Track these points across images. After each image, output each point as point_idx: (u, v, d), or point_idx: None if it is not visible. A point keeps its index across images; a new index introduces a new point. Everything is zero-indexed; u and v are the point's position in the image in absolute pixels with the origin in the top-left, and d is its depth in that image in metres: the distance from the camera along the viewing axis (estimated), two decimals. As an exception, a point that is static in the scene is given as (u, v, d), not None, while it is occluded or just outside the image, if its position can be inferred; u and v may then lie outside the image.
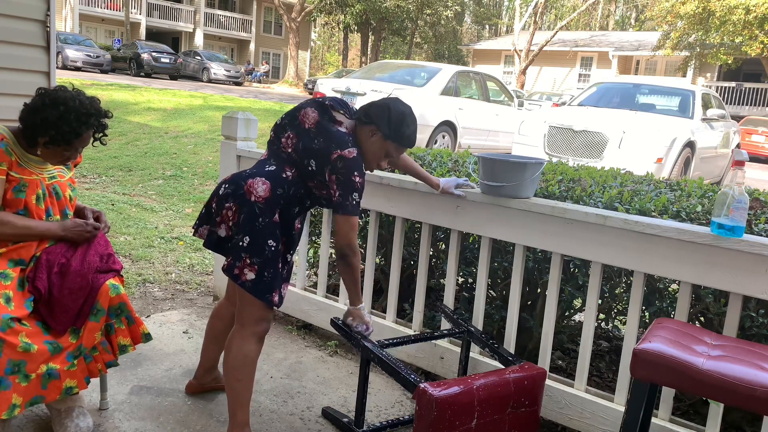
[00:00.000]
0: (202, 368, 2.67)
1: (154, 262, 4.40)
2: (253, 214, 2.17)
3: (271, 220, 2.19)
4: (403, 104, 2.33)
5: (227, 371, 2.28)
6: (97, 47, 25.43)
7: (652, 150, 7.61)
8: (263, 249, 2.17)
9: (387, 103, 2.31)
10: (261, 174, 2.24)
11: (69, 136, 2.13)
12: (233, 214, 2.21)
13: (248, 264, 2.16)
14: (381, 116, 2.26)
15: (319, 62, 53.79)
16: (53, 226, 2.25)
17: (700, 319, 2.60)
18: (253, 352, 2.27)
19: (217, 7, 36.37)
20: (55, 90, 2.17)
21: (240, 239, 2.17)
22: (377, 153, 2.31)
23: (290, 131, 2.30)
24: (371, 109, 2.30)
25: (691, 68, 24.73)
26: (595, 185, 2.84)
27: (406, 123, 2.28)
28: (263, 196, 2.19)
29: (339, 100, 2.37)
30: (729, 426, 2.51)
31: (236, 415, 2.28)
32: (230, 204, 2.21)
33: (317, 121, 2.27)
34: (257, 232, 2.17)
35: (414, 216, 2.88)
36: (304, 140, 2.25)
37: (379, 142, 2.29)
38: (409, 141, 2.32)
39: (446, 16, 36.52)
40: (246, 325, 2.26)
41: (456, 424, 2.05)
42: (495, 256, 2.94)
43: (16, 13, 3.42)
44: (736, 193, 2.03)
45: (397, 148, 2.32)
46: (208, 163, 8.32)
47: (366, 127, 2.29)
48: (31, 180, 2.21)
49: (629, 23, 48.08)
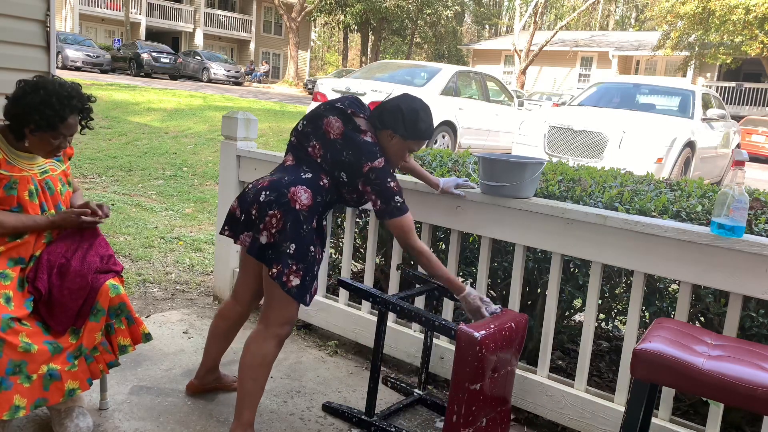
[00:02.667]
0: (204, 368, 2.67)
1: (154, 262, 4.40)
2: (299, 222, 2.20)
3: (311, 227, 2.24)
4: (413, 100, 2.36)
5: (243, 369, 2.29)
6: (97, 47, 25.44)
7: (652, 150, 7.61)
8: (307, 255, 2.22)
9: (398, 104, 2.32)
10: (301, 182, 2.25)
11: (53, 120, 2.11)
12: (278, 221, 2.20)
13: (294, 270, 2.20)
14: (395, 120, 2.30)
15: (319, 62, 53.80)
16: (40, 218, 2.24)
17: (700, 319, 2.60)
18: (272, 354, 2.29)
19: (217, 7, 36.37)
20: (35, 78, 2.18)
21: (287, 247, 2.19)
22: (399, 153, 2.37)
23: (315, 141, 2.32)
24: (384, 114, 2.32)
25: (691, 68, 24.73)
26: (595, 185, 2.84)
27: (420, 119, 2.31)
28: (307, 204, 2.22)
29: (355, 102, 2.38)
30: (729, 426, 2.51)
31: (243, 414, 2.28)
32: (274, 212, 2.20)
33: (342, 132, 2.28)
34: (302, 240, 2.21)
35: (414, 216, 2.88)
36: (332, 152, 2.28)
37: (399, 143, 2.33)
38: (427, 134, 2.36)
39: (446, 16, 36.54)
40: (270, 326, 2.28)
41: (490, 360, 2.21)
42: (495, 256, 2.93)
43: (16, 13, 3.42)
44: (736, 193, 2.03)
45: (417, 143, 2.37)
46: (208, 163, 8.32)
47: (384, 132, 2.32)
48: (21, 177, 2.20)
49: (629, 23, 48.07)
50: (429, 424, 2.64)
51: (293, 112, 14.66)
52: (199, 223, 5.61)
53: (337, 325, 3.25)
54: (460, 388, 2.18)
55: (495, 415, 2.34)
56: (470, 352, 2.15)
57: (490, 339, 2.18)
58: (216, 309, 3.66)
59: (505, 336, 2.27)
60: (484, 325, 2.23)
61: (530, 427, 2.67)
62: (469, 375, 2.16)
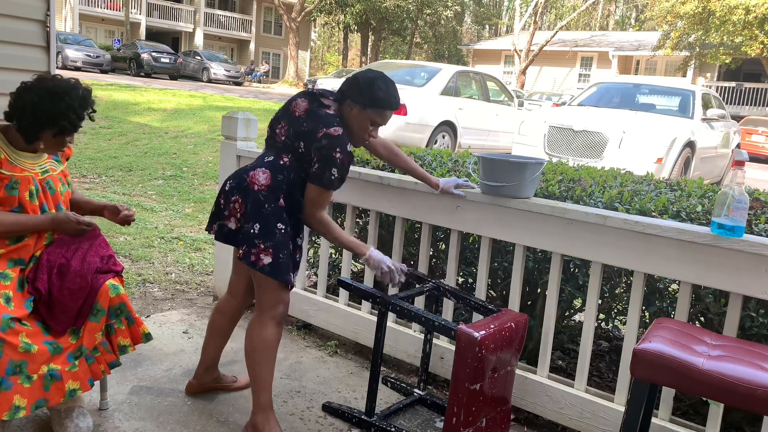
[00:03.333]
0: (202, 366, 2.67)
1: (154, 262, 4.40)
2: (258, 202, 2.27)
3: (277, 205, 2.28)
4: (372, 71, 2.36)
5: (248, 356, 2.36)
6: (97, 47, 25.42)
7: (652, 150, 7.61)
8: (274, 233, 2.26)
9: (356, 74, 2.34)
10: (260, 165, 2.34)
11: (77, 123, 2.21)
12: (240, 205, 2.31)
13: (263, 249, 2.25)
14: (352, 89, 2.32)
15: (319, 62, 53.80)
16: (44, 219, 2.25)
17: (700, 319, 2.60)
18: (272, 335, 2.34)
19: (217, 7, 36.36)
20: (41, 80, 2.18)
21: (250, 227, 2.27)
22: (362, 124, 2.35)
23: (283, 122, 2.40)
24: (343, 85, 2.36)
25: (691, 68, 24.73)
26: (595, 185, 2.84)
27: (377, 86, 2.29)
28: (265, 184, 2.29)
29: (327, 90, 2.44)
30: (729, 426, 2.51)
31: (259, 398, 2.36)
32: (236, 197, 2.31)
33: (307, 108, 2.36)
34: (265, 218, 2.26)
35: (414, 216, 2.89)
36: (294, 126, 2.34)
37: (359, 113, 2.33)
38: (386, 103, 2.32)
39: (446, 16, 36.53)
40: (264, 311, 2.34)
41: (489, 360, 2.22)
42: (495, 256, 2.93)
43: (16, 13, 3.41)
44: (736, 193, 2.03)
45: (378, 113, 2.33)
46: (208, 163, 8.32)
47: (344, 104, 2.35)
48: (23, 177, 2.21)
49: (629, 23, 48.08)
50: (429, 424, 2.64)
51: (293, 112, 14.62)
52: (199, 223, 5.61)
53: (337, 325, 3.25)
54: (460, 388, 2.18)
55: (495, 414, 2.34)
56: (470, 352, 2.16)
57: (489, 339, 2.19)
58: (216, 309, 3.68)
59: (504, 336, 2.28)
60: (484, 326, 2.23)
61: (530, 427, 2.67)
62: (468, 375, 2.17)
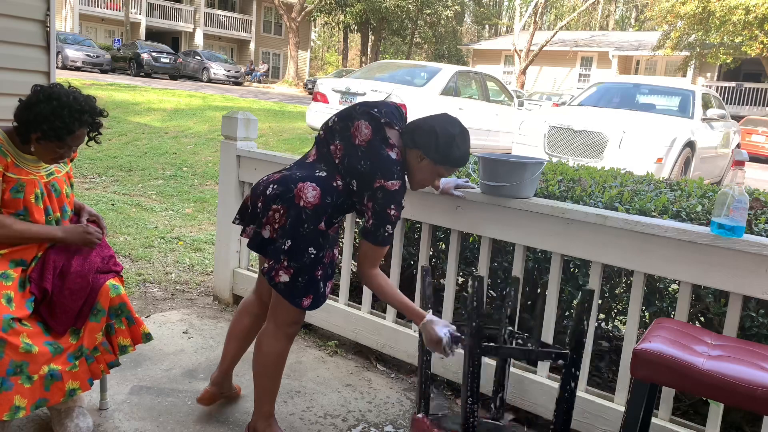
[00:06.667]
0: (221, 373, 2.55)
1: (154, 262, 4.40)
2: (300, 220, 2.11)
3: (316, 228, 2.12)
4: (452, 123, 2.17)
5: (257, 367, 2.28)
6: (97, 47, 25.43)
7: (652, 150, 7.61)
8: (302, 255, 2.12)
9: (433, 126, 2.14)
10: (311, 179, 2.14)
11: (61, 132, 2.09)
12: (280, 217, 2.13)
13: (285, 267, 2.12)
14: (428, 143, 2.13)
15: (319, 62, 53.82)
16: (55, 231, 2.23)
17: (700, 319, 2.60)
18: (285, 350, 2.29)
19: (217, 7, 36.37)
20: (51, 86, 2.16)
21: (282, 243, 2.12)
22: (429, 177, 2.22)
23: (339, 141, 2.19)
24: (416, 134, 2.15)
25: (691, 68, 24.73)
26: (595, 185, 2.84)
27: (455, 145, 2.13)
28: (313, 203, 2.11)
29: (393, 112, 2.21)
30: (729, 426, 2.51)
31: (262, 407, 2.31)
32: (278, 206, 2.13)
33: (369, 140, 2.13)
34: (300, 238, 2.11)
35: (414, 216, 2.88)
36: (351, 157, 2.14)
37: (428, 166, 2.17)
38: (461, 162, 2.18)
39: (446, 16, 36.53)
40: (280, 326, 2.25)
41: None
42: (495, 256, 2.93)
43: (16, 13, 3.42)
44: (736, 193, 2.03)
45: (450, 170, 2.21)
46: (208, 163, 8.32)
47: (413, 151, 2.16)
48: (28, 180, 2.20)
49: (629, 23, 48.09)
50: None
51: (293, 112, 14.67)
52: (199, 223, 5.61)
53: (337, 325, 3.25)
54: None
55: None
56: None
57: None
58: (216, 309, 3.67)
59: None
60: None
61: (530, 427, 2.67)
62: None
